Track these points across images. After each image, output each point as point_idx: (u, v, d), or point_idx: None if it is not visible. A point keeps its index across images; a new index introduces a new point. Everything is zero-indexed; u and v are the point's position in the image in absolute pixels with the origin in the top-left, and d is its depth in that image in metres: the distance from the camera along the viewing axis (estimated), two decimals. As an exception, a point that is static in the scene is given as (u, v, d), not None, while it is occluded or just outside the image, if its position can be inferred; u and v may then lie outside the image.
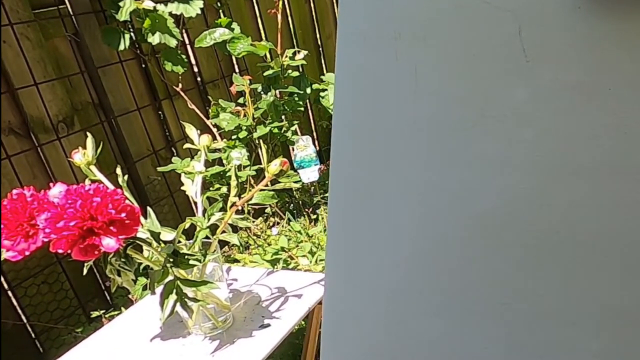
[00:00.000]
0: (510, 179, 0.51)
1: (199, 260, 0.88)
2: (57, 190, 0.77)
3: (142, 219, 0.82)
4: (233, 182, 0.97)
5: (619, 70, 0.45)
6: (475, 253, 0.54)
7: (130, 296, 1.67)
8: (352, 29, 0.53)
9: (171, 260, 0.85)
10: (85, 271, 0.82)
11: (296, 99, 1.98)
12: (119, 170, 0.95)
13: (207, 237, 0.94)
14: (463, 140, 0.51)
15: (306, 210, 2.35)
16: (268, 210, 2.36)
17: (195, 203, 0.99)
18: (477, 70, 0.49)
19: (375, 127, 0.55)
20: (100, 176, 0.93)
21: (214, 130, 2.06)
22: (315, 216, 2.33)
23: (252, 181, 1.92)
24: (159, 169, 1.73)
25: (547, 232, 0.51)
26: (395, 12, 0.50)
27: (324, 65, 2.96)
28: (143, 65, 2.05)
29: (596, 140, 0.47)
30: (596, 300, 0.50)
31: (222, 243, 1.46)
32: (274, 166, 0.90)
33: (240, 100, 1.96)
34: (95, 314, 1.77)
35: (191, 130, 1.05)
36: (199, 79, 2.27)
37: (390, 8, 0.51)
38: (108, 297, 1.90)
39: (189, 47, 2.20)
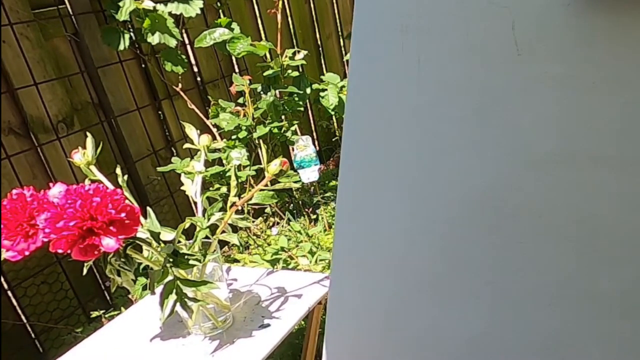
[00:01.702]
0: (503, 164, 0.54)
1: (199, 260, 0.88)
2: (56, 190, 0.77)
3: (142, 219, 0.82)
4: (233, 182, 0.97)
5: (603, 66, 0.47)
6: (473, 238, 0.57)
7: (130, 296, 1.67)
8: (365, 22, 0.57)
9: (171, 260, 0.85)
10: (85, 271, 0.82)
11: (296, 99, 1.98)
12: (118, 170, 0.95)
13: (207, 237, 0.94)
14: (459, 127, 0.54)
15: (306, 210, 2.35)
16: (268, 210, 2.36)
17: (195, 203, 0.99)
18: (475, 61, 0.52)
19: (382, 113, 0.59)
20: (100, 176, 0.93)
21: (214, 130, 2.06)
22: (315, 216, 2.33)
23: (252, 181, 1.92)
24: (159, 169, 1.73)
25: (536, 216, 0.53)
26: (402, 7, 0.54)
27: (323, 65, 2.96)
28: (143, 65, 2.05)
29: (579, 131, 0.50)
30: (572, 283, 0.53)
31: (222, 243, 1.46)
32: (274, 166, 0.90)
33: (240, 100, 1.95)
34: (95, 314, 1.77)
35: (191, 130, 1.05)
36: (198, 79, 2.27)
37: (398, 4, 0.54)
38: (108, 297, 1.90)
39: (188, 47, 2.20)
